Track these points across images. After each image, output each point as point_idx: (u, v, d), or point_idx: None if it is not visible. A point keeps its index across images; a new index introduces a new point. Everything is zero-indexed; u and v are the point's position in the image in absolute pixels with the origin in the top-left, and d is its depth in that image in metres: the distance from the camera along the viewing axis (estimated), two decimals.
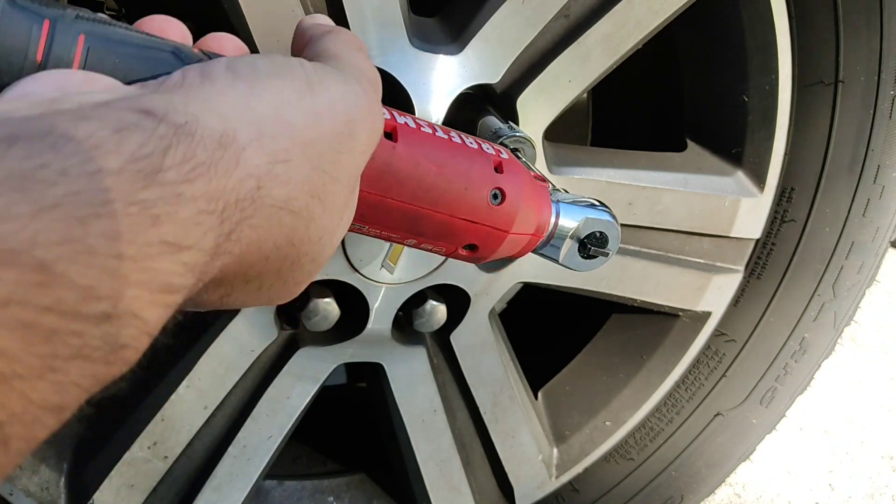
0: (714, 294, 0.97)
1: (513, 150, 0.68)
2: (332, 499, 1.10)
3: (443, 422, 0.93)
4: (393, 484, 1.11)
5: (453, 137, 0.52)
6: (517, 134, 0.69)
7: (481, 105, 0.74)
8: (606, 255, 0.58)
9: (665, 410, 1.03)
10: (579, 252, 0.58)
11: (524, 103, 0.75)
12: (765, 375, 1.00)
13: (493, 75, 0.73)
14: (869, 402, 1.56)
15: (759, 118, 0.89)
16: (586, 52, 0.75)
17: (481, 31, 0.71)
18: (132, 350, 0.28)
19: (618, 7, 0.74)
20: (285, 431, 0.87)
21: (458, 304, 0.87)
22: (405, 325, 0.89)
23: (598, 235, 0.57)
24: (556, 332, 1.19)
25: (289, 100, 0.36)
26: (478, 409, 0.95)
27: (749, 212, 0.92)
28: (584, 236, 0.57)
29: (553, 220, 0.56)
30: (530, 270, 0.87)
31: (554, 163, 0.81)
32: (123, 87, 0.34)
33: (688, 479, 1.06)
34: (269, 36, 0.65)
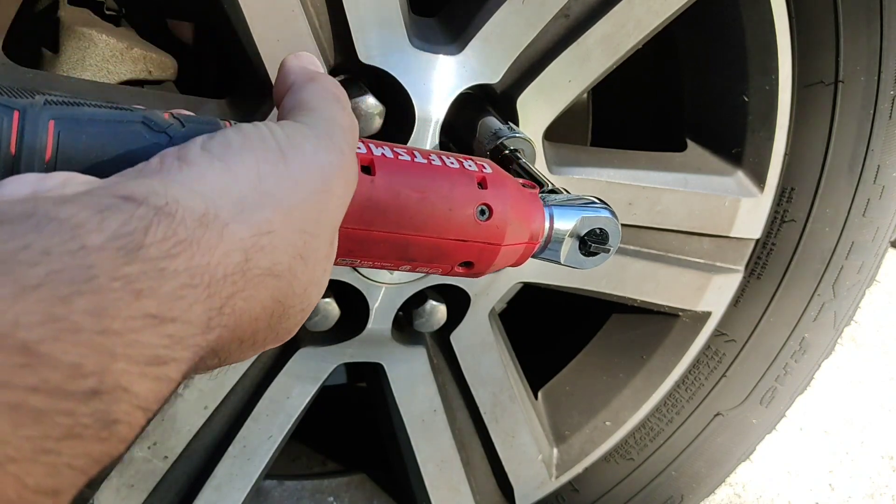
0: (714, 294, 0.97)
1: (513, 150, 0.68)
2: (332, 499, 1.10)
3: (443, 422, 0.93)
4: (393, 484, 1.11)
5: (433, 160, 0.52)
6: (517, 134, 0.69)
7: (481, 105, 0.74)
8: (608, 252, 0.58)
9: (665, 410, 1.03)
10: (580, 250, 0.58)
11: (524, 103, 0.75)
12: (765, 375, 1.00)
13: (493, 75, 0.73)
14: (869, 402, 1.56)
15: (759, 118, 0.89)
16: (586, 52, 0.75)
17: (481, 31, 0.71)
18: (125, 426, 0.28)
19: (618, 7, 0.74)
20: (285, 431, 0.87)
21: (458, 304, 0.87)
22: (405, 325, 0.89)
23: (598, 232, 0.57)
24: (556, 332, 1.19)
25: (265, 172, 0.37)
26: (478, 409, 0.95)
27: (749, 212, 0.92)
28: (583, 234, 0.57)
29: (547, 225, 0.56)
30: (530, 271, 0.87)
31: (554, 163, 0.81)
32: (102, 180, 0.35)
33: (688, 479, 1.06)
34: (269, 36, 0.65)
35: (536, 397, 1.06)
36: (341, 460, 1.17)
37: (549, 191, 0.61)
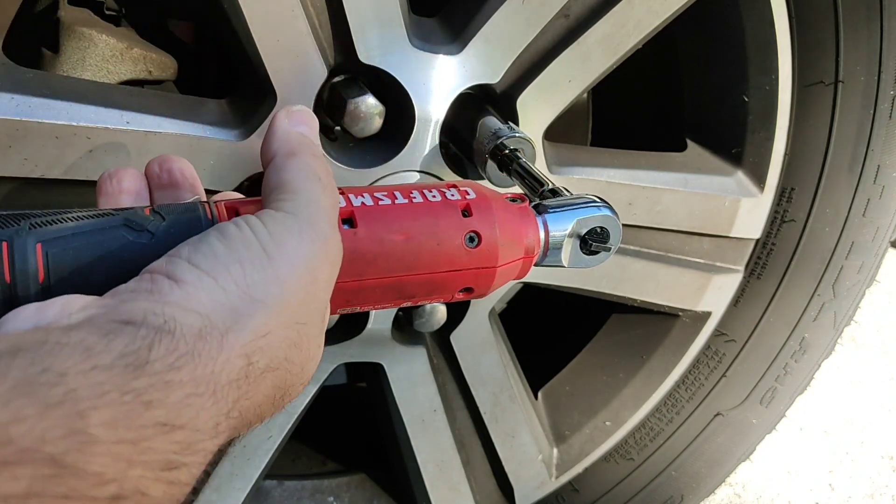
0: (714, 294, 0.97)
1: (513, 150, 0.68)
2: (332, 499, 1.10)
3: (443, 422, 0.93)
4: (393, 484, 1.11)
5: (414, 198, 0.52)
6: (517, 134, 0.69)
7: (481, 105, 0.74)
8: (609, 250, 0.58)
9: (665, 410, 1.03)
10: (582, 250, 0.58)
11: (524, 103, 0.75)
12: (765, 375, 1.00)
13: (494, 75, 0.73)
14: (869, 402, 1.56)
15: (759, 118, 0.89)
16: (586, 52, 0.75)
17: (481, 31, 0.71)
18: None
19: (618, 7, 0.74)
20: (285, 431, 0.87)
21: (458, 304, 0.87)
22: (405, 325, 0.89)
23: (598, 231, 0.57)
24: (556, 332, 1.19)
25: (253, 281, 0.39)
26: (478, 409, 0.95)
27: (749, 212, 0.92)
28: (583, 234, 0.57)
29: (542, 235, 0.56)
30: (530, 271, 0.87)
31: (554, 163, 0.81)
32: (98, 300, 0.37)
33: (688, 479, 1.06)
34: (269, 36, 0.65)
35: (536, 397, 1.06)
36: (341, 460, 1.17)
37: (549, 191, 0.61)
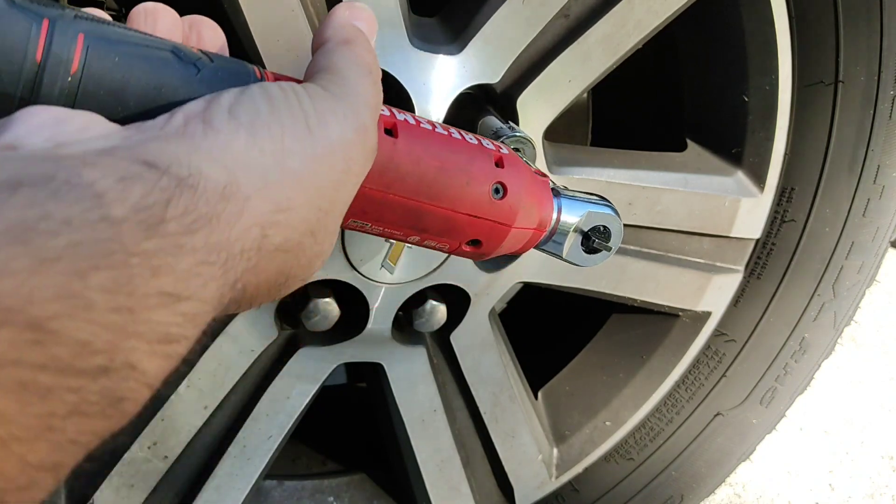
0: (714, 294, 0.97)
1: (513, 150, 0.68)
2: (332, 499, 1.10)
3: (443, 422, 0.93)
4: (393, 484, 1.11)
5: (453, 134, 0.52)
6: (517, 134, 0.69)
7: (481, 105, 0.74)
8: (609, 250, 0.59)
9: (665, 410, 1.03)
10: (582, 246, 0.58)
11: (524, 103, 0.75)
12: (765, 375, 1.00)
13: (494, 75, 0.73)
14: (869, 402, 1.56)
15: (759, 118, 0.89)
16: (586, 52, 0.75)
17: (481, 31, 0.71)
18: (131, 402, 0.28)
19: (618, 7, 0.74)
20: (285, 431, 0.87)
21: (458, 304, 0.87)
22: (405, 325, 0.89)
23: (601, 229, 0.58)
24: (556, 332, 1.19)
25: (290, 149, 0.36)
26: (478, 409, 0.95)
27: (749, 212, 0.92)
28: (587, 230, 0.57)
29: (555, 216, 0.56)
30: (530, 270, 0.87)
31: (554, 163, 0.81)
32: (122, 130, 0.33)
33: (688, 479, 1.06)
34: (270, 36, 0.65)
35: (536, 397, 1.06)
36: (341, 460, 1.17)
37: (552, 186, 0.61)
